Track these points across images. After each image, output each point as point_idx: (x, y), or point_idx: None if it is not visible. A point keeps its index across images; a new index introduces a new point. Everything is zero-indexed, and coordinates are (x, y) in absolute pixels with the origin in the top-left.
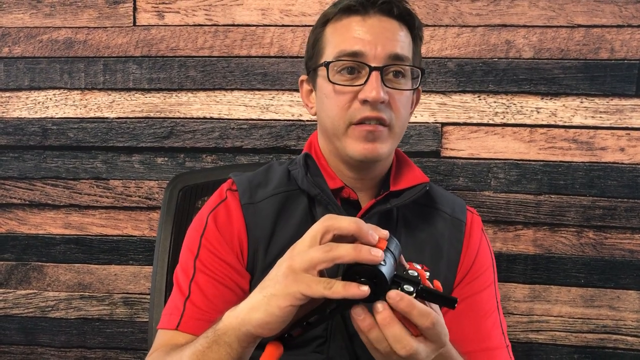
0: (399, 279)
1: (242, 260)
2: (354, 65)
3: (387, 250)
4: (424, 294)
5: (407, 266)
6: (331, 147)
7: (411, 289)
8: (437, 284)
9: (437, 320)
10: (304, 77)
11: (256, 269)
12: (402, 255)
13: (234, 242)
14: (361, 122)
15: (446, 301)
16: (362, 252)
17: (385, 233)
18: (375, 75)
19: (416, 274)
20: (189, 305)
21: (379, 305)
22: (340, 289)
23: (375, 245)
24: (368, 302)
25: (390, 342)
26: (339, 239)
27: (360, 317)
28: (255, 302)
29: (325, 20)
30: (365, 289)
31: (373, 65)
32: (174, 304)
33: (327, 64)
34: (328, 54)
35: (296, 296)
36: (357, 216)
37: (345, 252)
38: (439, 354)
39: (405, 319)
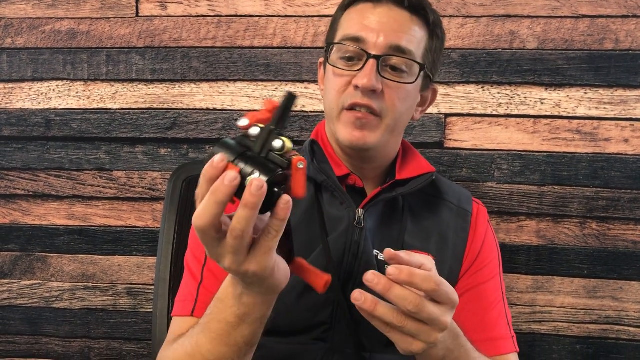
0: (265, 151)
1: None
2: (354, 50)
3: (240, 160)
4: (280, 125)
5: (241, 128)
6: (329, 130)
7: (278, 142)
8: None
9: (440, 281)
10: (322, 59)
11: None
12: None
13: None
14: (351, 107)
15: (288, 101)
16: (220, 192)
17: (217, 151)
18: (371, 63)
19: (257, 128)
20: (202, 290)
21: (370, 276)
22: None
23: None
24: (276, 198)
25: (397, 304)
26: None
27: (361, 300)
28: (244, 283)
29: (344, 4)
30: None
31: (372, 53)
32: (187, 291)
33: (327, 46)
34: (337, 36)
35: (233, 251)
36: (362, 203)
37: (208, 208)
38: (452, 339)
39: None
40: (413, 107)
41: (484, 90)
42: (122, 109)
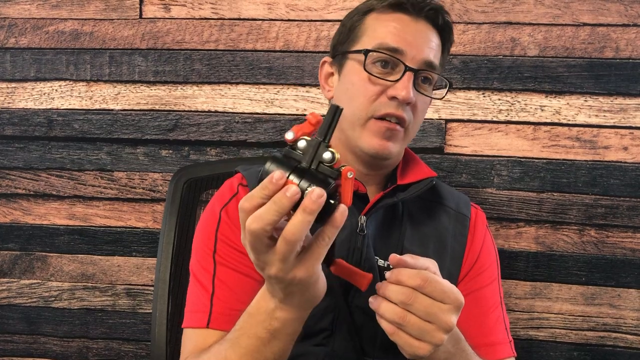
0: (315, 162)
1: None
2: (391, 60)
3: (295, 175)
4: (327, 137)
5: (288, 141)
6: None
7: (328, 154)
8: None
9: (428, 277)
10: (327, 58)
11: None
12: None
13: None
14: (382, 117)
15: (334, 113)
16: (281, 203)
17: (269, 166)
18: (408, 75)
19: (304, 141)
20: (216, 301)
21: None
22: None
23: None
24: (333, 208)
25: (392, 299)
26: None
27: (374, 302)
28: (286, 298)
29: (368, 9)
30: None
31: (410, 66)
32: (200, 302)
33: (366, 52)
34: (366, 42)
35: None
36: (364, 210)
37: (268, 214)
38: (454, 343)
39: None
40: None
41: (484, 96)
42: (124, 110)
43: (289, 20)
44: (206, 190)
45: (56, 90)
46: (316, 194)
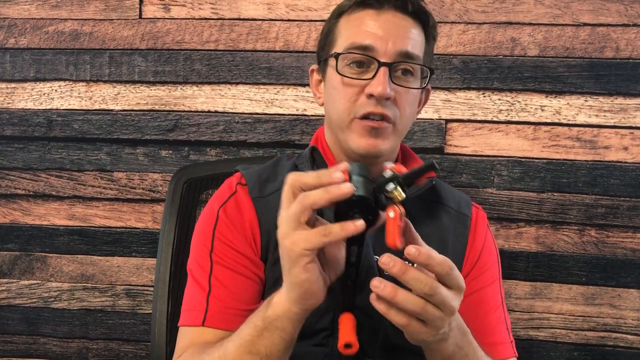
0: (379, 187)
1: (255, 251)
2: (364, 59)
3: (353, 175)
4: (406, 179)
5: (383, 169)
6: (335, 139)
7: (392, 185)
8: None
9: (453, 265)
10: (314, 66)
11: (268, 259)
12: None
13: (247, 233)
14: (365, 117)
15: (426, 168)
16: (331, 190)
17: (344, 165)
18: (383, 70)
19: (390, 172)
20: (212, 299)
21: (385, 259)
22: (338, 230)
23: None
24: (374, 223)
25: (413, 286)
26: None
27: (380, 287)
28: (285, 285)
29: (340, 12)
30: (359, 223)
31: (382, 60)
32: (196, 300)
33: (336, 55)
34: (339, 46)
35: (303, 254)
36: None
37: (317, 196)
38: (462, 336)
39: None
40: (416, 109)
41: (484, 96)
42: (124, 110)
43: (289, 20)
44: (206, 190)
45: (56, 90)
46: (359, 224)
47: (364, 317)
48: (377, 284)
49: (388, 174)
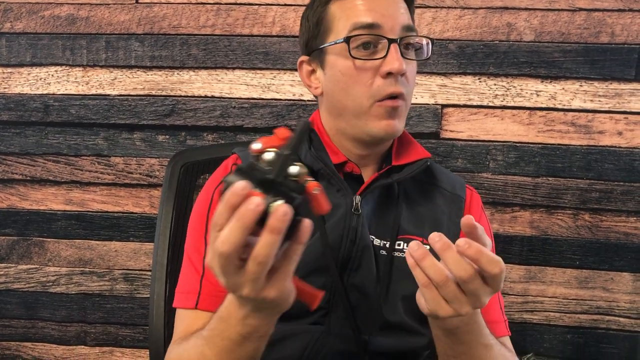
0: (282, 176)
1: None
2: (372, 39)
3: (260, 187)
4: (295, 152)
5: (252, 151)
6: (340, 125)
7: (295, 168)
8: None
9: (504, 268)
10: (303, 58)
11: None
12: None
13: None
14: (385, 98)
15: (303, 130)
16: (246, 218)
17: (242, 185)
18: (394, 47)
19: (272, 153)
20: (205, 282)
21: (434, 235)
22: (268, 250)
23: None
24: (298, 223)
25: (451, 267)
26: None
27: (414, 248)
28: (255, 308)
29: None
30: (281, 213)
31: (391, 37)
32: (190, 283)
33: (347, 39)
34: (340, 30)
35: (263, 287)
36: (359, 190)
37: (235, 232)
38: (472, 318)
39: None
40: None
41: (480, 81)
42: (121, 95)
43: (285, 5)
44: (203, 174)
45: (52, 75)
46: (281, 213)
47: (359, 295)
48: (414, 246)
49: (270, 155)
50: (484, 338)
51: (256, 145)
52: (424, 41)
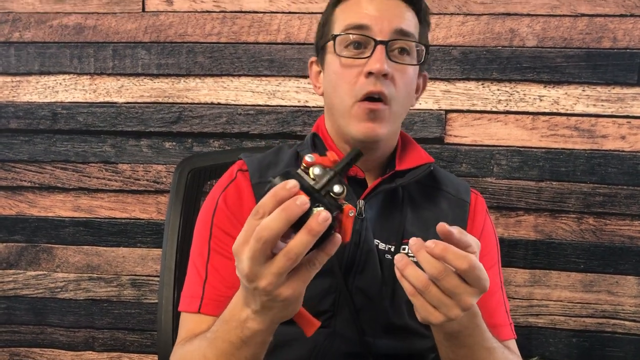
0: (325, 190)
1: None
2: (360, 39)
3: (304, 192)
4: (343, 174)
5: (305, 163)
6: (335, 127)
7: (338, 188)
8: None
9: (475, 264)
10: (313, 58)
11: None
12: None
13: (245, 219)
14: (365, 98)
15: (355, 157)
16: (291, 210)
17: (293, 182)
18: (380, 48)
19: (321, 169)
20: (208, 287)
21: (412, 240)
22: (302, 248)
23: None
24: (329, 236)
25: (424, 267)
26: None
27: (399, 259)
28: (261, 310)
29: (336, 1)
30: (322, 218)
31: (379, 39)
32: (193, 287)
33: (334, 37)
34: (336, 31)
35: (281, 286)
36: (363, 194)
37: (274, 223)
38: (470, 318)
39: None
40: (413, 93)
41: (484, 87)
42: (128, 102)
43: (290, 12)
44: (210, 180)
45: (60, 83)
46: (322, 217)
47: (363, 298)
48: (398, 258)
49: (318, 170)
50: (486, 341)
51: (309, 158)
52: (421, 47)
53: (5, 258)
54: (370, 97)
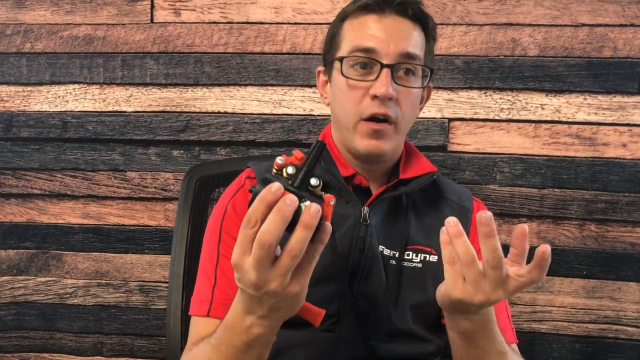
0: (303, 186)
1: None
2: (367, 61)
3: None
4: (312, 168)
5: (276, 165)
6: (342, 137)
7: (315, 180)
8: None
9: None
10: (321, 68)
11: None
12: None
13: None
14: (369, 118)
15: (319, 149)
16: (284, 210)
17: (278, 185)
18: (385, 72)
19: (292, 167)
20: (217, 291)
21: (483, 214)
22: (300, 245)
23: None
24: (321, 226)
25: (484, 247)
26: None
27: (452, 222)
28: (266, 313)
29: (344, 16)
30: (313, 210)
31: (385, 62)
32: (203, 291)
33: (341, 59)
34: (344, 49)
35: (292, 284)
36: (367, 202)
37: (274, 224)
38: (488, 326)
39: None
40: (418, 108)
41: (486, 95)
42: (137, 111)
43: (295, 23)
44: (218, 188)
45: (70, 93)
46: (314, 210)
47: (368, 303)
48: (451, 222)
49: (292, 169)
50: (498, 345)
51: (280, 160)
52: (424, 69)
53: (16, 264)
54: (375, 118)
